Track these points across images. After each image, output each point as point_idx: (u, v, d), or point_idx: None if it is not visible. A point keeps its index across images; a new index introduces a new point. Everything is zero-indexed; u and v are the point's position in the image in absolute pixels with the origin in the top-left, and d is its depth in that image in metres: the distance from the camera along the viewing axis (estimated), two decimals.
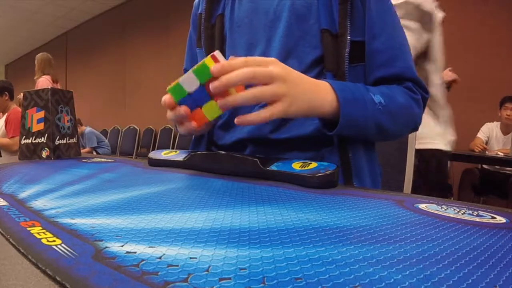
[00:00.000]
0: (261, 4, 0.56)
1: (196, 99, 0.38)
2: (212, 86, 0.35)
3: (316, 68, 0.53)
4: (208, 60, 0.36)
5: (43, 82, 2.68)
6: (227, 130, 0.59)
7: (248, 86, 0.37)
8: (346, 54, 0.49)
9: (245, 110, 0.56)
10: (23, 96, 0.67)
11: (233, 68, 0.35)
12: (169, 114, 0.42)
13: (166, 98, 0.40)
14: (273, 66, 0.38)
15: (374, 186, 0.52)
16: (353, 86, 0.46)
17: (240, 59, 0.37)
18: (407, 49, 0.52)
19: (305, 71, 0.53)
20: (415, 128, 0.53)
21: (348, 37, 0.49)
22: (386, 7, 0.52)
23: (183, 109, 0.40)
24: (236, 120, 0.37)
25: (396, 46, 0.51)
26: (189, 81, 0.38)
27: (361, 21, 0.50)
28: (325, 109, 0.43)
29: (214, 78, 0.35)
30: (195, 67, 0.37)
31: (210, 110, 0.38)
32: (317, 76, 0.53)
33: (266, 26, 0.55)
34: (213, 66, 0.35)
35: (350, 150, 0.50)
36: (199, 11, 0.63)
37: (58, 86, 2.77)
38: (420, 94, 0.52)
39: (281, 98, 0.38)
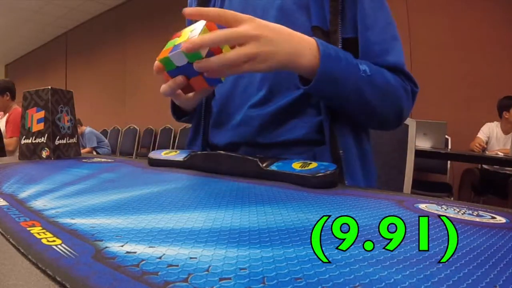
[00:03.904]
0: (251, 2, 0.56)
1: (185, 70, 0.40)
2: (196, 66, 0.37)
3: None
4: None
5: None
6: (219, 128, 0.59)
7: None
8: None
9: (241, 91, 0.56)
10: (23, 96, 0.67)
11: (207, 15, 0.39)
12: (164, 87, 0.43)
13: (157, 65, 0.42)
14: (247, 24, 0.38)
15: (368, 185, 0.52)
16: (340, 50, 0.45)
17: (214, 11, 0.39)
18: (399, 44, 0.52)
19: None
20: (400, 116, 0.51)
21: (340, 34, 0.49)
22: (379, 3, 0.51)
23: (180, 79, 0.42)
24: (195, 66, 0.37)
25: (388, 39, 0.51)
26: (178, 58, 0.39)
27: (352, 18, 0.50)
28: (305, 59, 0.42)
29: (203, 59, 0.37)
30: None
31: (197, 83, 0.41)
32: None
33: None
34: (188, 10, 0.39)
35: (341, 148, 0.49)
36: None
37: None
38: (411, 86, 0.51)
39: (252, 58, 0.38)
